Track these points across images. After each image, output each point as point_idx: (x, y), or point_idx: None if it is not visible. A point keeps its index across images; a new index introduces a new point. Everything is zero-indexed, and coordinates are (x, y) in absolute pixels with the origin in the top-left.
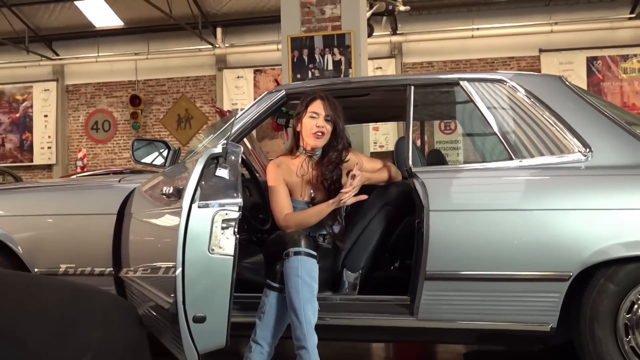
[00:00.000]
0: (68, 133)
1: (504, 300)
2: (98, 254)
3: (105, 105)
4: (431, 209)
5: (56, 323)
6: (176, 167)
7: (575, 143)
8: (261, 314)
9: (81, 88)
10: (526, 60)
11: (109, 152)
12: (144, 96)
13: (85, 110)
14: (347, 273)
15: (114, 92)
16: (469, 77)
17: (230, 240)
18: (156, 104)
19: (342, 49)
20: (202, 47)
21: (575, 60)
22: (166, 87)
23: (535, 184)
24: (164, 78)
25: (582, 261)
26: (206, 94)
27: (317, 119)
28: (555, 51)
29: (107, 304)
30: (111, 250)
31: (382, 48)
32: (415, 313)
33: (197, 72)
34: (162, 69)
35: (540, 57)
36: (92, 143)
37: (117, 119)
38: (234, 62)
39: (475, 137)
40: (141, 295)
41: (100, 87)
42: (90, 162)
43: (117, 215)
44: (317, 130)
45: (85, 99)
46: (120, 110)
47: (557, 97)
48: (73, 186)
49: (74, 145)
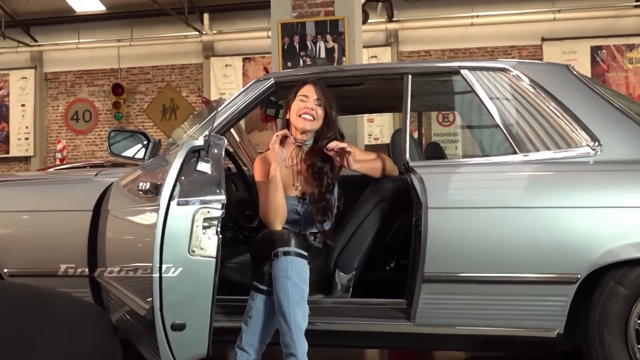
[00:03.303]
0: (46, 123)
1: (508, 304)
2: (72, 253)
3: (86, 95)
4: (430, 206)
5: (13, 334)
6: (156, 160)
7: (583, 136)
8: (247, 318)
9: (61, 76)
10: (528, 50)
11: (90, 143)
12: (127, 85)
13: (64, 100)
14: (340, 274)
15: (95, 81)
16: (470, 66)
17: (212, 241)
18: (140, 94)
19: (336, 35)
20: (189, 33)
21: (579, 49)
22: (150, 76)
23: (540, 179)
24: (148, 66)
25: (591, 262)
26: (192, 83)
27: (307, 102)
28: (558, 40)
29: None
30: (86, 250)
31: (377, 36)
32: (413, 318)
33: (183, 60)
34: (146, 57)
35: (542, 47)
36: (72, 134)
37: (99, 109)
38: (222, 49)
39: (476, 130)
40: (117, 300)
41: (80, 75)
42: (70, 154)
43: (93, 211)
44: (305, 112)
45: (65, 87)
46: (102, 100)
47: (563, 87)
48: (46, 180)
49: (53, 137)
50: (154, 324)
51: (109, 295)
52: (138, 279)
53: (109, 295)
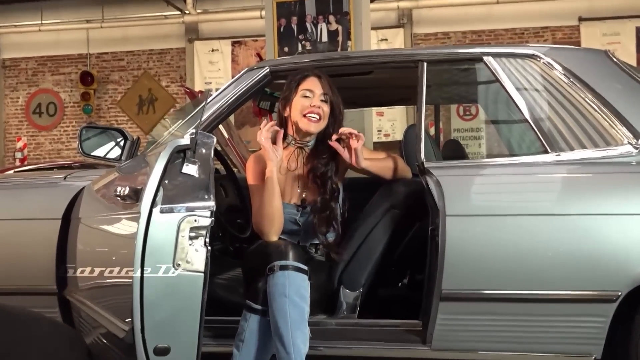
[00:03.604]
0: (4, 118)
1: (537, 326)
2: (38, 268)
3: (50, 84)
4: (448, 214)
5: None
6: (134, 161)
7: (624, 133)
8: (239, 342)
9: (21, 63)
10: (563, 31)
11: (55, 141)
12: (98, 73)
13: (25, 91)
14: (345, 292)
15: (61, 68)
16: (495, 52)
17: (200, 254)
18: (112, 83)
19: (340, 16)
20: (169, 13)
21: (623, 30)
22: (125, 62)
23: (575, 183)
24: (122, 51)
25: (633, 278)
26: (173, 71)
27: (312, 98)
28: (598, 20)
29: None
30: (54, 264)
31: (388, 15)
32: (429, 341)
33: (163, 44)
34: (119, 40)
35: (579, 27)
36: (34, 130)
37: (65, 101)
38: (207, 32)
39: (502, 125)
40: (91, 321)
41: (44, 62)
42: (31, 153)
43: (62, 220)
44: (311, 111)
45: (26, 76)
46: (69, 91)
47: (602, 77)
48: (7, 184)
49: (12, 133)
50: (134, 348)
51: (81, 315)
52: (115, 297)
53: (80, 315)
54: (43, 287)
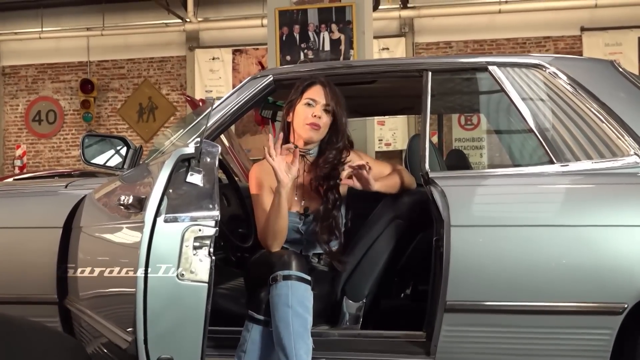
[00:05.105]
0: (4, 125)
1: (542, 339)
2: (38, 277)
3: (50, 92)
4: (452, 224)
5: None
6: (137, 170)
7: (631, 143)
8: (241, 353)
9: (21, 70)
10: (565, 41)
11: (55, 149)
12: (98, 81)
13: (25, 98)
14: (348, 302)
15: (61, 76)
16: (500, 62)
17: (204, 263)
18: (113, 91)
19: (342, 25)
20: (170, 21)
21: (625, 40)
22: (125, 70)
23: (581, 193)
24: (122, 59)
25: (639, 290)
26: (174, 79)
27: (314, 108)
28: (601, 30)
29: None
30: (55, 272)
31: (389, 24)
32: (433, 352)
33: (164, 52)
34: (120, 48)
35: (582, 37)
36: (33, 138)
37: (65, 109)
38: (208, 40)
39: (505, 135)
40: (92, 331)
41: (44, 70)
42: (31, 161)
43: (63, 229)
44: (313, 121)
45: (26, 83)
46: (69, 98)
47: (607, 86)
48: (7, 192)
49: (12, 141)
50: (137, 359)
51: (82, 325)
52: (118, 307)
53: (81, 325)
54: (43, 296)
